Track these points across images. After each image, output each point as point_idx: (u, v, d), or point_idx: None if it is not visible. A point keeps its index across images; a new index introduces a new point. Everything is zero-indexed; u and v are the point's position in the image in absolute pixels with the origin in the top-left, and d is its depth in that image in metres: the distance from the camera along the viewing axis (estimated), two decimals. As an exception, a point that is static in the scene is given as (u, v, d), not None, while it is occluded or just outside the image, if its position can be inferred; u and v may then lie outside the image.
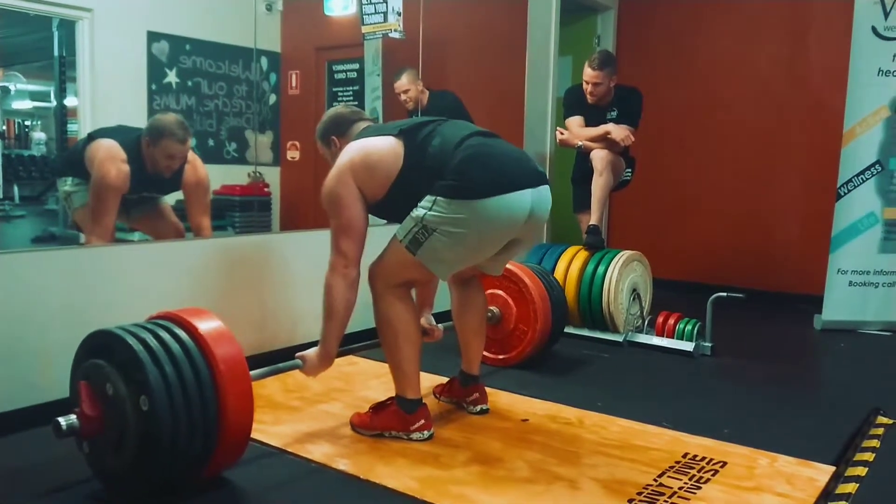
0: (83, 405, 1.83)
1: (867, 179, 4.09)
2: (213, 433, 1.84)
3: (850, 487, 2.05)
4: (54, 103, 4.18)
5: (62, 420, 1.82)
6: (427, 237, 2.16)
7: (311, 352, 2.35)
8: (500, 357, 3.21)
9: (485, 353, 3.17)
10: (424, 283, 2.46)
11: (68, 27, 3.76)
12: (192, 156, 3.19)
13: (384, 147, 2.24)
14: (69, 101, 4.00)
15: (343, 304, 2.24)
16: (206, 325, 1.91)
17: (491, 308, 3.13)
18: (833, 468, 2.16)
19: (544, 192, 2.26)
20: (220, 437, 1.85)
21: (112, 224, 2.94)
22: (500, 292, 3.17)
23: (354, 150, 2.28)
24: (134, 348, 1.78)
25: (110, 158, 2.93)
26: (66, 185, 3.12)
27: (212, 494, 1.96)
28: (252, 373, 2.03)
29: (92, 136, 3.13)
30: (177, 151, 3.03)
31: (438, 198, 2.13)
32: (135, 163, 2.98)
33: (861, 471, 2.17)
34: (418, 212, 2.16)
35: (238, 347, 1.92)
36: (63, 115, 4.13)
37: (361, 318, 2.42)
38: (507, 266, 3.01)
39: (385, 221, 2.49)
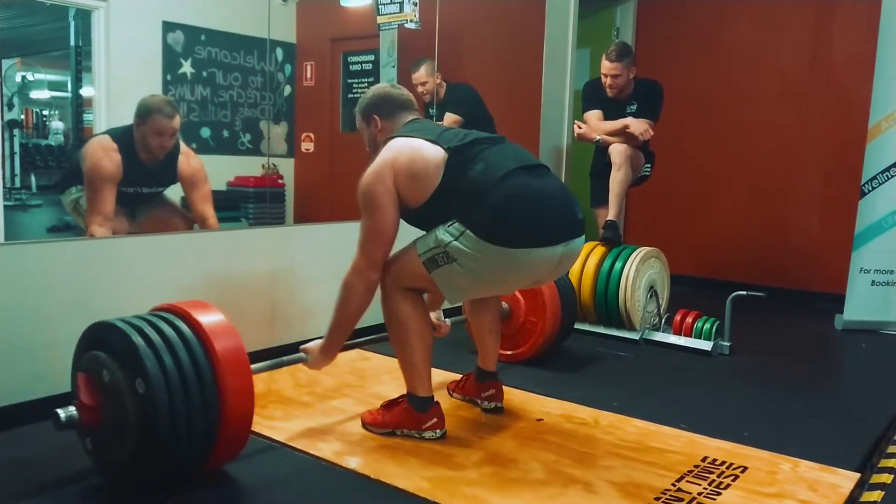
0: (81, 395, 1.82)
1: (892, 177, 3.98)
2: (213, 424, 1.81)
3: (876, 495, 1.98)
4: (71, 93, 4.18)
5: (61, 411, 1.81)
6: (446, 262, 2.10)
7: (315, 345, 2.32)
8: (511, 352, 3.14)
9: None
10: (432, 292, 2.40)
11: (84, 17, 3.75)
12: (184, 148, 3.18)
13: (432, 159, 2.11)
14: (85, 91, 4.00)
15: (357, 306, 2.19)
16: (206, 318, 1.89)
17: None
18: (858, 475, 2.09)
19: (578, 242, 2.17)
20: (221, 429, 1.83)
21: (110, 211, 2.92)
22: None
23: (401, 149, 2.15)
24: (128, 335, 1.78)
25: (101, 148, 2.97)
26: (72, 194, 3.12)
27: (216, 489, 1.93)
28: (254, 366, 1.99)
29: (83, 141, 3.16)
30: (165, 127, 3.01)
31: (468, 231, 2.04)
32: (128, 153, 2.98)
33: (887, 478, 2.10)
34: (445, 236, 2.08)
35: (239, 340, 1.90)
36: (79, 105, 4.13)
37: (376, 312, 2.37)
38: None
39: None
